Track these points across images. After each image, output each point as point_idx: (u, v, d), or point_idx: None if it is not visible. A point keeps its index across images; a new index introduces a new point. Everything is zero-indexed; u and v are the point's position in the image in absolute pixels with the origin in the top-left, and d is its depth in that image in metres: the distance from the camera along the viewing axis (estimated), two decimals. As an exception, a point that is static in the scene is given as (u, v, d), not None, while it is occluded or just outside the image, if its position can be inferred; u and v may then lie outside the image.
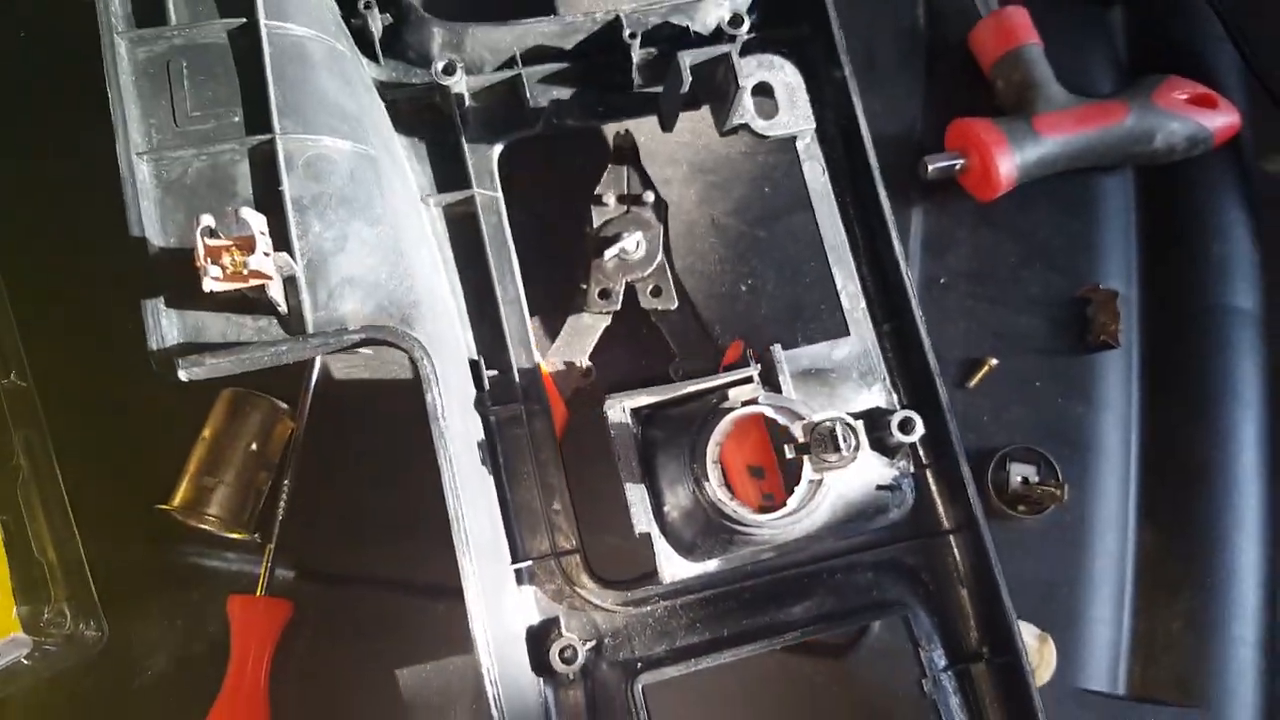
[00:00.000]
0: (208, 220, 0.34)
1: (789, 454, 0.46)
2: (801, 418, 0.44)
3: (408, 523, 0.55)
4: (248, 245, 0.35)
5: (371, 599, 0.56)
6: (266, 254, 0.35)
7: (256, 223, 0.35)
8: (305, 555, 0.56)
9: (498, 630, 0.41)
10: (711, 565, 0.47)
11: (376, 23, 0.49)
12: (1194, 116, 0.62)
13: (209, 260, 0.34)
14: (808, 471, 0.44)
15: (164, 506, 0.53)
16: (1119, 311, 0.60)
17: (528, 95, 0.52)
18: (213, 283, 0.34)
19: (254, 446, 0.54)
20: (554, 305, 0.57)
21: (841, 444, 0.42)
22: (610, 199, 0.58)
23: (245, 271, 0.34)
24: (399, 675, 0.54)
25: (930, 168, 0.60)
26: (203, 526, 0.54)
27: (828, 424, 0.42)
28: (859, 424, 0.43)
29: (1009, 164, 0.59)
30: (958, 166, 0.61)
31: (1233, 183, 0.66)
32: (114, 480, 0.57)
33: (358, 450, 0.58)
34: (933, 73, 0.66)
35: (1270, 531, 0.60)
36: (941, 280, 0.62)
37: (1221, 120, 0.62)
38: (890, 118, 0.64)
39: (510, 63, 0.52)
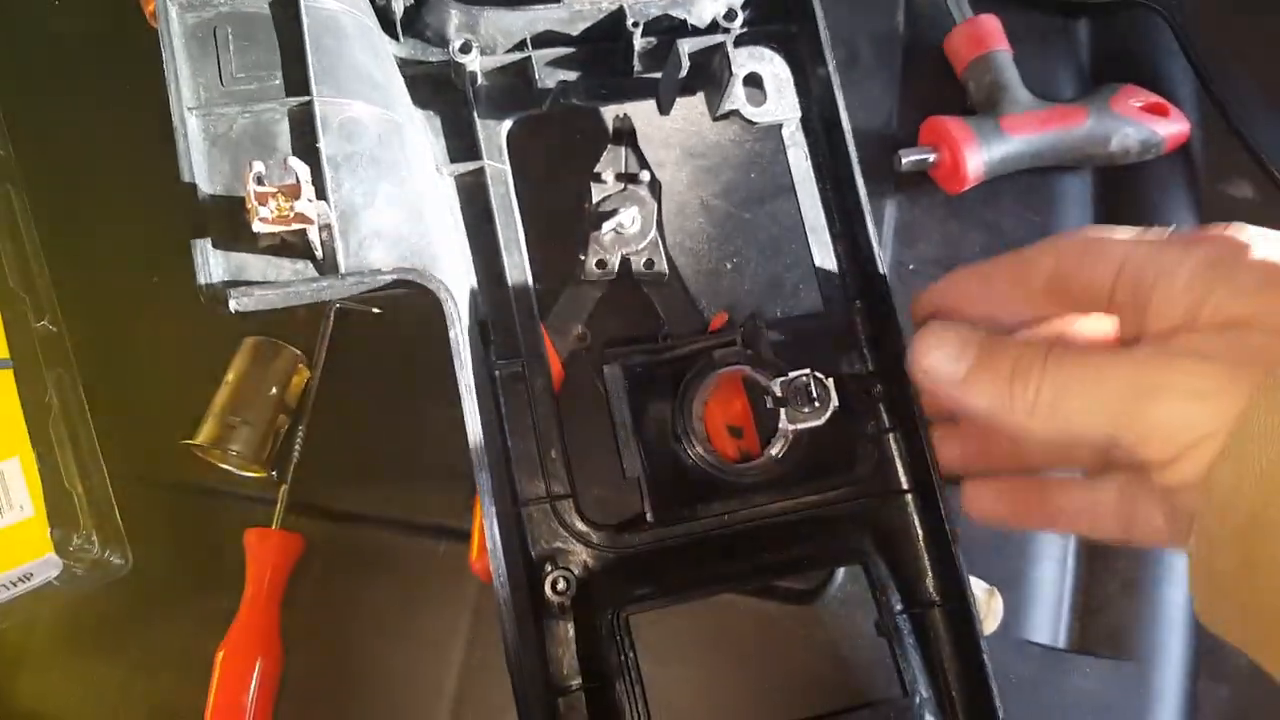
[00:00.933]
0: (259, 167, 0.38)
1: (769, 404, 0.51)
2: (780, 375, 0.49)
3: (413, 468, 0.60)
4: (293, 192, 0.39)
5: (378, 536, 0.60)
6: (310, 200, 0.39)
7: (303, 171, 0.39)
8: (317, 494, 0.60)
9: (504, 557, 0.45)
10: (693, 511, 0.52)
11: (399, 2, 0.53)
12: (1147, 123, 0.67)
13: (258, 203, 0.38)
14: (784, 424, 0.49)
15: (189, 442, 0.57)
16: (1072, 299, 0.65)
17: (536, 76, 0.56)
18: (261, 224, 0.38)
19: (274, 391, 0.58)
20: (554, 274, 0.61)
21: (814, 396, 0.46)
22: (609, 177, 0.62)
23: (291, 214, 0.38)
24: (402, 607, 0.59)
25: (904, 160, 0.65)
26: (223, 465, 0.59)
27: (803, 379, 0.47)
28: (830, 381, 0.48)
29: (977, 160, 0.64)
30: (930, 160, 0.65)
31: (1181, 185, 0.71)
32: (140, 420, 0.61)
33: (368, 399, 0.62)
34: (909, 73, 0.71)
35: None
36: (911, 266, 0.67)
37: (1172, 128, 0.68)
38: (869, 113, 0.69)
39: (521, 45, 0.56)
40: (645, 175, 0.62)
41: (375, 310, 0.61)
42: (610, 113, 0.64)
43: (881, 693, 0.56)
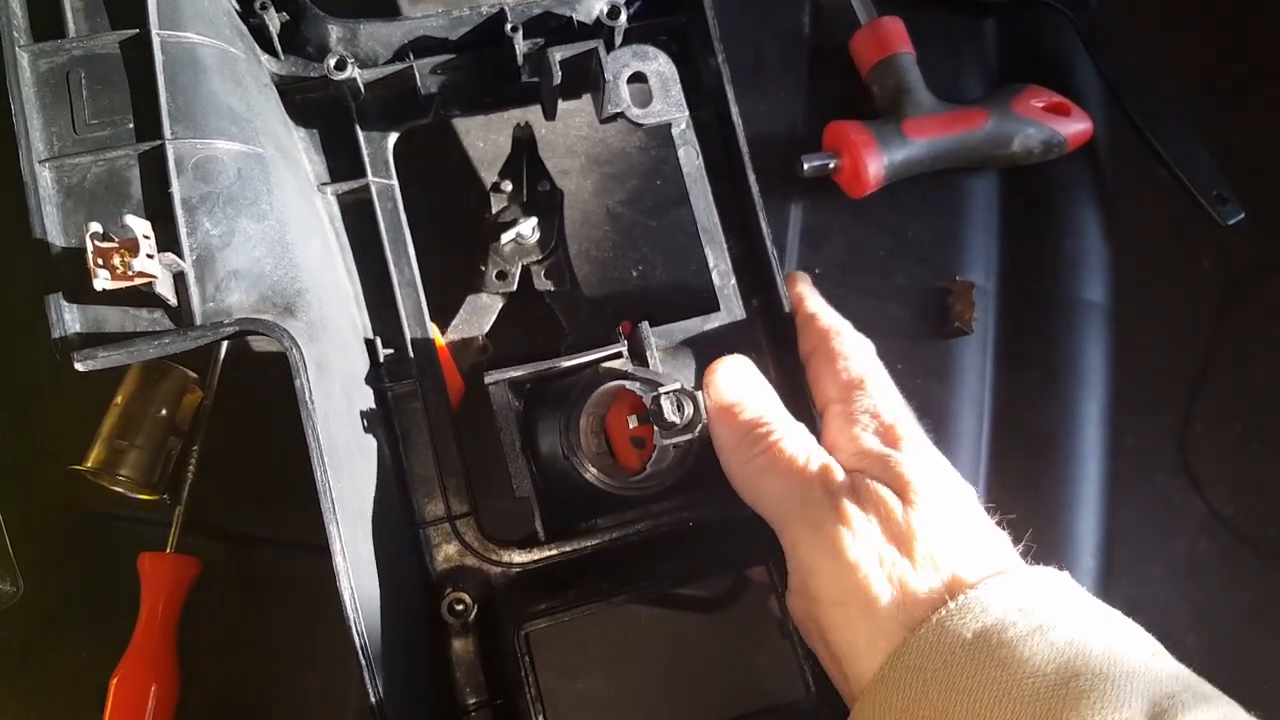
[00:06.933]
0: (96, 227, 0.37)
1: (633, 424, 0.50)
2: (662, 385, 0.48)
3: (309, 488, 0.59)
4: (134, 248, 0.38)
5: (275, 557, 0.59)
6: (150, 255, 0.38)
7: (140, 228, 0.38)
8: (214, 516, 0.59)
9: (378, 588, 0.44)
10: (590, 525, 0.51)
11: (274, 21, 0.51)
12: (1049, 123, 0.67)
13: (98, 263, 0.37)
14: (657, 438, 0.48)
15: (77, 467, 0.56)
16: (974, 301, 0.66)
17: (420, 86, 0.55)
18: (104, 283, 0.37)
19: (164, 412, 0.57)
20: (455, 285, 0.60)
21: (668, 414, 0.45)
22: (508, 186, 0.61)
23: (131, 273, 0.37)
24: (300, 627, 0.58)
25: (806, 166, 0.65)
26: (114, 488, 0.58)
27: (669, 394, 0.46)
28: (699, 394, 0.47)
29: (877, 164, 0.64)
30: (831, 165, 0.65)
31: (1086, 184, 0.72)
32: (28, 444, 0.60)
33: (264, 418, 0.60)
34: (816, 75, 0.71)
35: (1106, 502, 0.67)
36: (816, 270, 0.67)
37: (1075, 127, 0.68)
38: (774, 118, 0.69)
39: (402, 55, 0.54)
40: (545, 184, 0.62)
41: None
42: (510, 120, 0.63)
43: (784, 695, 0.56)
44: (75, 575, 0.59)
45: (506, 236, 0.60)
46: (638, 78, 0.53)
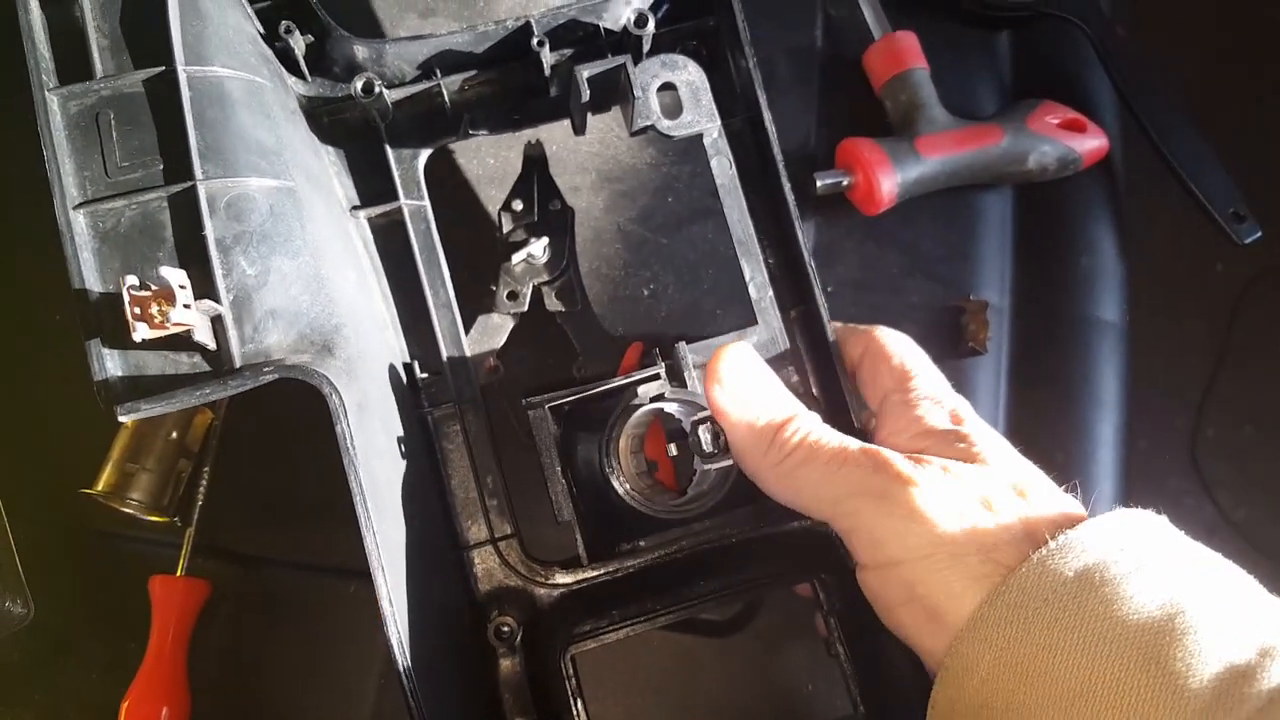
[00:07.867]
0: (131, 280, 0.37)
1: (672, 451, 0.50)
2: (703, 409, 0.47)
3: (321, 509, 0.58)
4: (170, 297, 0.37)
5: (286, 580, 0.59)
6: (187, 305, 0.37)
7: (175, 278, 0.37)
8: (223, 538, 0.59)
9: (422, 621, 0.43)
10: (634, 546, 0.50)
11: (299, 44, 0.50)
12: (1064, 140, 0.67)
13: (135, 313, 0.37)
14: (697, 463, 0.48)
15: (89, 491, 0.56)
16: (988, 321, 0.65)
17: (448, 104, 0.54)
18: (142, 334, 0.37)
19: (174, 435, 0.57)
20: (465, 305, 0.60)
21: (705, 444, 0.45)
22: (519, 206, 0.61)
23: (169, 323, 0.37)
24: (312, 650, 0.58)
25: (819, 184, 0.64)
26: (125, 510, 0.57)
27: (705, 423, 0.46)
28: None
29: (890, 182, 0.63)
30: (845, 183, 0.65)
31: (1102, 201, 0.71)
32: (40, 467, 0.60)
33: (274, 441, 0.61)
34: (828, 90, 0.70)
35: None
36: (829, 289, 0.66)
37: (1090, 144, 0.67)
38: (787, 132, 0.67)
39: (429, 74, 0.54)
40: (556, 203, 0.61)
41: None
42: (523, 138, 0.62)
43: (833, 714, 0.56)
44: (86, 598, 0.59)
45: (517, 257, 0.59)
46: (667, 88, 0.52)
